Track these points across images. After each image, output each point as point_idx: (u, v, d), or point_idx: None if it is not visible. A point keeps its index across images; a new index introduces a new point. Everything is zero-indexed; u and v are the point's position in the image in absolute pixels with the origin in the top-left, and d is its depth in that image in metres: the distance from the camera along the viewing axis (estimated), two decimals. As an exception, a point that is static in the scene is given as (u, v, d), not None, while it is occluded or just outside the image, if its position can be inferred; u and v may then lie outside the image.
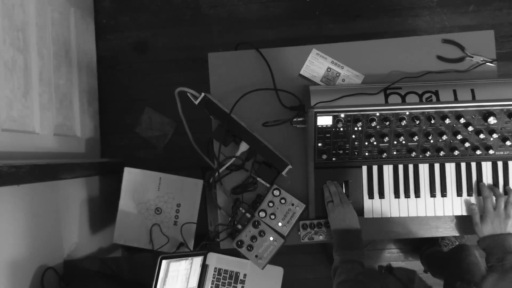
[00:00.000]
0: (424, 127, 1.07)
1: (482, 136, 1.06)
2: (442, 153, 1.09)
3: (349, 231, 1.06)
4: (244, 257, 1.14)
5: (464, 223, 1.16)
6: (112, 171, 1.81)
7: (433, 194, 1.12)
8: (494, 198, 1.08)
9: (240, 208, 1.16)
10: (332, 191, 1.11)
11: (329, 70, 1.18)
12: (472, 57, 1.16)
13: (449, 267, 1.45)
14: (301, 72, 1.19)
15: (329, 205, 1.11)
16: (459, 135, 1.07)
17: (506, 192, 1.09)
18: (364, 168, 1.14)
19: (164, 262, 1.17)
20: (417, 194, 1.13)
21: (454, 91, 1.07)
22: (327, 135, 1.09)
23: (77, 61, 1.76)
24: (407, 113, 1.05)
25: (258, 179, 1.17)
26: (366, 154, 1.11)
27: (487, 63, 1.15)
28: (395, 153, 1.11)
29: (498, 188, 1.10)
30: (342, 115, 1.06)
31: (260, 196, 1.17)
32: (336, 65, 1.18)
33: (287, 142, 1.18)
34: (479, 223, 1.06)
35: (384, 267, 1.00)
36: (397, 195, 1.13)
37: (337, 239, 1.07)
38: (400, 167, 1.13)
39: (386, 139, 1.07)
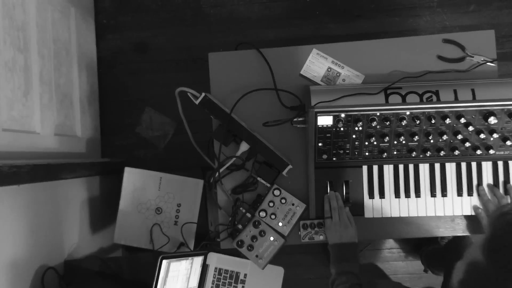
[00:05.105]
0: (424, 127, 1.07)
1: (482, 136, 1.06)
2: (442, 153, 1.09)
3: (345, 245, 1.07)
4: (244, 257, 1.14)
5: (464, 223, 1.16)
6: (112, 171, 1.81)
7: (433, 194, 1.12)
8: (496, 200, 1.08)
9: (241, 208, 1.16)
10: (332, 206, 1.11)
11: (329, 70, 1.18)
12: (473, 57, 1.16)
13: (448, 256, 1.45)
14: (302, 72, 1.19)
15: (327, 221, 1.11)
16: (460, 135, 1.07)
17: (506, 190, 1.09)
18: (365, 168, 1.14)
19: (164, 262, 1.17)
20: (418, 194, 1.13)
21: (455, 91, 1.07)
22: (328, 135, 1.09)
23: (77, 61, 1.76)
24: (408, 113, 1.05)
25: (258, 179, 1.17)
26: (367, 154, 1.11)
27: (487, 63, 1.15)
28: (395, 153, 1.11)
29: (499, 188, 1.10)
30: (343, 115, 1.06)
31: (261, 196, 1.17)
32: (337, 65, 1.18)
33: (287, 142, 1.18)
34: None
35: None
36: (397, 195, 1.13)
37: (333, 253, 1.08)
38: (401, 167, 1.13)
39: (387, 139, 1.08)
